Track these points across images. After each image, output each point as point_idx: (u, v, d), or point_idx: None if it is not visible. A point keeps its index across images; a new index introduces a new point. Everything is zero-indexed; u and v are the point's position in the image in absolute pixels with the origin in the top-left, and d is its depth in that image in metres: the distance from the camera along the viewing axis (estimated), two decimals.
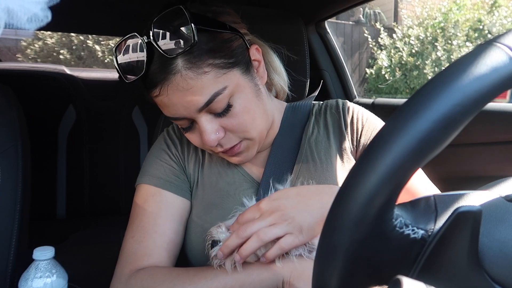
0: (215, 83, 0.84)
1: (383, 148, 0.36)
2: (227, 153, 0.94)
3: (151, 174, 1.01)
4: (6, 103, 1.16)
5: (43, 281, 0.85)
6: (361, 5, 1.79)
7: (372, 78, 7.14)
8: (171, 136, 1.08)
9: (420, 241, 0.41)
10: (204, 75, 0.83)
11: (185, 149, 1.06)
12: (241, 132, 0.91)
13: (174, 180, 1.01)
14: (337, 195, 0.39)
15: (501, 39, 0.38)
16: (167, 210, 0.97)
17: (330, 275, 0.39)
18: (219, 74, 0.85)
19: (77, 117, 2.57)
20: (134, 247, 0.94)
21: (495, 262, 0.41)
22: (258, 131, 0.94)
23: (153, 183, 0.99)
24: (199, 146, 0.96)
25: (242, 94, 0.89)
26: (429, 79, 0.39)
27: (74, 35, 8.03)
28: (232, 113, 0.88)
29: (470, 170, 1.57)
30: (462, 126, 0.36)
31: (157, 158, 1.04)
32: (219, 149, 0.93)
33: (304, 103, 1.11)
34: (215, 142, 0.89)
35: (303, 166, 1.02)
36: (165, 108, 0.89)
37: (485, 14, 6.26)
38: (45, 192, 2.50)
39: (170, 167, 1.02)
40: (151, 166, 1.03)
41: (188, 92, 0.83)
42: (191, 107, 0.85)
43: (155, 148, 1.07)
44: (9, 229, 1.10)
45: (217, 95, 0.85)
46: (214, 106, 0.86)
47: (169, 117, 0.90)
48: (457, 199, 0.44)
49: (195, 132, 0.93)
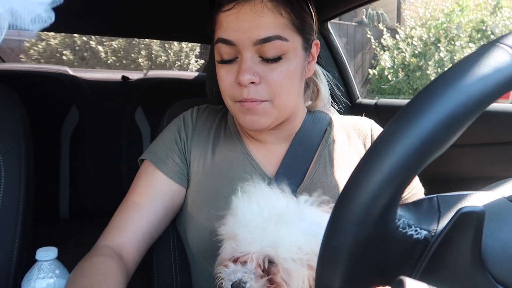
0: (282, 29, 0.89)
1: (386, 148, 0.36)
2: (245, 105, 0.93)
3: (153, 152, 1.05)
4: (9, 104, 1.16)
5: (46, 282, 0.85)
6: (364, 6, 1.79)
7: (375, 78, 7.13)
8: (186, 121, 1.09)
9: (423, 241, 0.41)
10: (279, 16, 0.89)
11: (195, 134, 1.07)
12: (273, 90, 0.92)
13: (169, 163, 1.03)
14: (340, 195, 0.39)
15: (504, 40, 0.38)
16: (151, 189, 1.01)
17: (333, 276, 0.39)
18: (288, 26, 0.90)
19: (80, 117, 2.57)
20: (111, 220, 1.01)
21: (498, 263, 0.41)
22: (284, 103, 0.95)
23: (151, 160, 1.04)
24: (226, 87, 0.96)
25: (293, 61, 0.93)
26: (432, 79, 0.39)
27: (77, 36, 8.04)
28: (276, 67, 0.91)
29: (473, 170, 1.57)
30: (465, 127, 0.36)
31: (164, 138, 1.08)
32: (244, 94, 0.91)
33: (323, 114, 1.12)
34: (248, 81, 0.89)
35: (319, 168, 1.02)
36: (224, 28, 0.91)
37: (488, 15, 6.25)
38: (48, 192, 2.50)
39: (171, 149, 1.05)
40: (156, 145, 1.07)
41: (258, 18, 0.88)
42: (251, 35, 0.88)
43: (167, 129, 1.10)
44: (12, 230, 1.10)
45: (279, 38, 0.89)
46: (269, 47, 0.89)
47: (219, 40, 0.92)
48: (460, 200, 0.44)
49: (231, 69, 0.93)
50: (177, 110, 1.32)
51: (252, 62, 0.90)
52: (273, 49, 0.89)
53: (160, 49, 8.51)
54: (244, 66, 0.89)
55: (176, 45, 8.55)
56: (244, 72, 0.89)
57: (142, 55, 8.44)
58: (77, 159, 2.58)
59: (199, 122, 1.09)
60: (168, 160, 1.03)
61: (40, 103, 2.35)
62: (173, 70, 8.17)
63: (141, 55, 8.44)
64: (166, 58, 8.59)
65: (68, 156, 2.56)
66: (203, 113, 1.12)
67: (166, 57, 8.59)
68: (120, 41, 8.34)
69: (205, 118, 1.11)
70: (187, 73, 3.01)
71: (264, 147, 1.06)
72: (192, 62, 8.85)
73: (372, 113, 1.14)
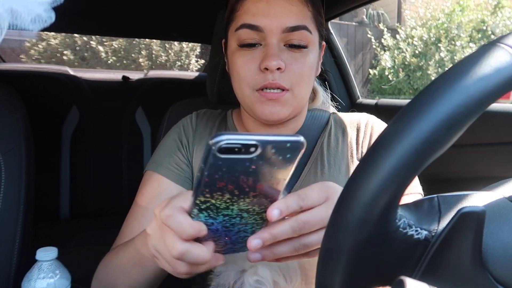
0: (308, 21, 0.92)
1: (386, 148, 0.36)
2: (268, 95, 0.91)
3: (156, 161, 1.03)
4: (10, 103, 1.17)
5: (46, 282, 0.85)
6: (364, 5, 1.79)
7: (376, 78, 7.12)
8: (185, 127, 1.08)
9: (424, 241, 0.41)
10: (306, 8, 0.92)
11: (196, 140, 1.06)
12: (295, 79, 0.92)
13: (174, 169, 1.01)
14: (340, 195, 0.39)
15: (504, 40, 0.38)
16: (161, 196, 0.98)
17: (333, 276, 0.39)
18: (312, 20, 0.94)
19: (80, 118, 2.57)
20: (122, 229, 0.99)
21: (499, 263, 0.41)
22: (303, 95, 0.96)
23: (156, 170, 1.01)
24: (246, 75, 0.93)
25: (313, 54, 0.95)
26: (433, 79, 0.39)
27: (77, 36, 8.05)
28: (300, 57, 0.92)
29: (473, 170, 1.57)
30: (466, 127, 0.36)
31: (166, 146, 1.06)
32: (269, 79, 0.90)
33: (323, 113, 1.12)
34: (276, 66, 0.88)
35: (311, 168, 1.02)
36: (252, 13, 0.91)
37: (489, 15, 6.24)
38: (49, 192, 2.50)
39: (175, 156, 1.03)
40: (159, 154, 1.05)
41: (289, 7, 0.90)
42: (281, 22, 0.89)
43: (168, 136, 1.08)
44: (13, 230, 1.10)
45: (305, 29, 0.91)
46: (296, 35, 0.90)
47: (244, 25, 0.91)
48: (461, 200, 0.44)
49: (253, 56, 0.92)
50: (178, 110, 1.32)
51: (278, 48, 0.90)
52: (299, 38, 0.91)
53: (161, 49, 8.52)
54: (272, 51, 0.89)
55: (176, 45, 8.56)
56: (272, 58, 0.88)
57: (142, 55, 8.45)
58: (77, 159, 2.58)
59: (199, 127, 1.08)
60: (173, 167, 1.01)
61: (41, 103, 2.35)
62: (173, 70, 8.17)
63: (142, 55, 8.44)
64: (167, 58, 8.59)
65: (68, 156, 2.56)
66: (203, 118, 1.11)
67: (167, 57, 8.59)
68: (121, 41, 8.35)
69: (205, 123, 1.10)
70: (187, 73, 3.02)
71: None
72: (192, 62, 8.86)
73: (372, 113, 1.14)
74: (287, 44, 0.91)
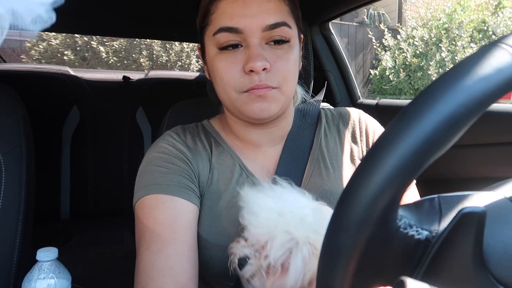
0: (286, 16, 0.91)
1: (387, 148, 0.36)
2: (256, 92, 0.89)
3: (157, 183, 0.91)
4: (11, 104, 1.17)
5: (46, 282, 0.85)
6: (365, 6, 1.79)
7: (376, 79, 7.13)
8: (174, 142, 0.99)
9: (424, 242, 0.41)
10: (283, 3, 0.91)
11: (195, 155, 0.98)
12: (282, 76, 0.90)
13: (186, 186, 0.92)
14: (341, 195, 0.39)
15: (505, 40, 0.38)
16: (183, 216, 0.88)
17: (334, 276, 0.39)
18: (290, 14, 0.92)
19: (81, 118, 2.57)
20: (152, 258, 0.83)
21: (500, 263, 0.41)
22: (290, 91, 0.94)
23: (162, 191, 0.89)
24: (230, 78, 0.90)
25: (295, 49, 0.94)
26: (433, 80, 0.39)
27: (78, 36, 8.04)
28: (283, 53, 0.90)
29: (474, 171, 1.57)
30: (467, 127, 0.36)
31: (161, 166, 0.94)
32: (256, 81, 0.87)
33: (312, 108, 1.10)
34: (261, 67, 0.86)
35: (314, 170, 1.00)
36: (229, 15, 0.88)
37: (490, 15, 6.25)
38: (49, 193, 2.50)
39: (177, 175, 0.93)
40: (153, 176, 0.92)
41: (266, 4, 0.88)
42: (260, 21, 0.87)
43: (153, 160, 0.96)
44: (13, 230, 1.10)
45: (285, 25, 0.89)
46: (276, 33, 0.89)
47: (222, 29, 0.88)
48: (462, 200, 0.44)
49: (235, 58, 0.89)
50: (178, 110, 1.32)
51: (261, 48, 0.88)
52: (280, 35, 0.89)
53: (161, 49, 8.51)
54: (255, 52, 0.86)
55: (177, 46, 8.55)
56: (256, 58, 0.85)
57: (143, 55, 8.44)
58: (78, 159, 2.58)
59: (188, 143, 1.00)
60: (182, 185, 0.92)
61: (41, 104, 2.35)
62: (174, 70, 8.17)
63: (142, 55, 8.44)
64: (167, 58, 8.58)
65: (69, 156, 2.56)
66: (185, 134, 1.02)
67: (167, 57, 8.58)
68: (121, 41, 8.35)
69: (190, 139, 1.01)
70: (188, 73, 3.01)
71: (258, 153, 1.02)
72: (193, 62, 8.85)
73: (373, 114, 1.14)
74: (268, 42, 0.89)
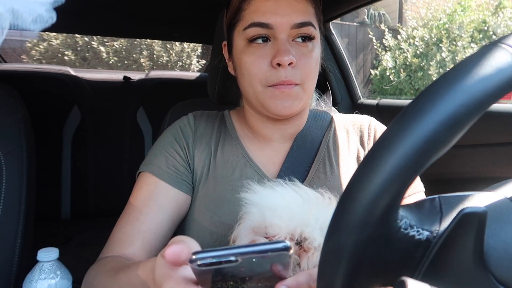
0: (312, 17, 0.97)
1: (388, 149, 0.36)
2: (281, 88, 0.94)
3: (151, 163, 1.02)
4: (11, 104, 1.17)
5: (47, 283, 0.85)
6: (365, 6, 1.79)
7: (377, 79, 7.12)
8: (184, 129, 1.07)
9: (425, 242, 0.41)
10: (310, 5, 0.97)
11: (197, 141, 1.05)
12: (305, 74, 0.95)
13: (172, 172, 1.00)
14: (342, 195, 0.39)
15: (505, 40, 0.38)
16: (157, 199, 0.97)
17: (335, 276, 0.39)
18: (315, 16, 0.98)
19: (81, 118, 2.57)
20: (115, 232, 0.97)
21: (501, 264, 0.41)
22: (311, 89, 1.00)
23: (152, 172, 1.00)
24: (257, 71, 0.95)
25: (318, 49, 0.99)
26: (434, 80, 0.39)
27: (79, 37, 8.04)
28: (307, 51, 0.96)
29: (475, 171, 1.57)
30: (467, 127, 0.36)
31: (162, 148, 1.04)
32: (282, 77, 0.93)
33: (325, 113, 1.14)
34: (288, 61, 0.91)
35: (319, 168, 1.03)
36: (261, 12, 0.94)
37: (490, 15, 6.24)
38: (50, 193, 2.51)
39: (172, 158, 1.02)
40: (155, 156, 1.03)
41: (296, 4, 0.94)
42: (290, 19, 0.93)
43: (164, 137, 1.07)
44: (14, 230, 1.10)
45: (311, 25, 0.96)
46: (303, 31, 0.95)
47: (254, 24, 0.94)
48: (462, 200, 0.44)
49: (264, 52, 0.95)
50: (179, 111, 1.32)
51: (288, 44, 0.94)
52: (306, 34, 0.95)
53: (162, 49, 8.52)
54: (283, 47, 0.92)
55: (177, 46, 8.56)
56: (284, 53, 0.91)
57: (143, 55, 8.45)
58: (78, 160, 2.58)
59: (198, 129, 1.07)
60: (169, 169, 1.00)
61: (42, 104, 2.35)
62: (174, 70, 8.18)
63: (143, 56, 8.44)
64: (168, 59, 8.59)
65: (69, 156, 2.56)
66: (201, 119, 1.10)
67: (168, 57, 8.59)
68: (122, 42, 8.35)
69: (204, 125, 1.09)
70: (188, 73, 3.01)
71: (267, 147, 1.06)
72: (193, 62, 8.86)
73: (373, 114, 1.14)
74: (294, 39, 0.95)
